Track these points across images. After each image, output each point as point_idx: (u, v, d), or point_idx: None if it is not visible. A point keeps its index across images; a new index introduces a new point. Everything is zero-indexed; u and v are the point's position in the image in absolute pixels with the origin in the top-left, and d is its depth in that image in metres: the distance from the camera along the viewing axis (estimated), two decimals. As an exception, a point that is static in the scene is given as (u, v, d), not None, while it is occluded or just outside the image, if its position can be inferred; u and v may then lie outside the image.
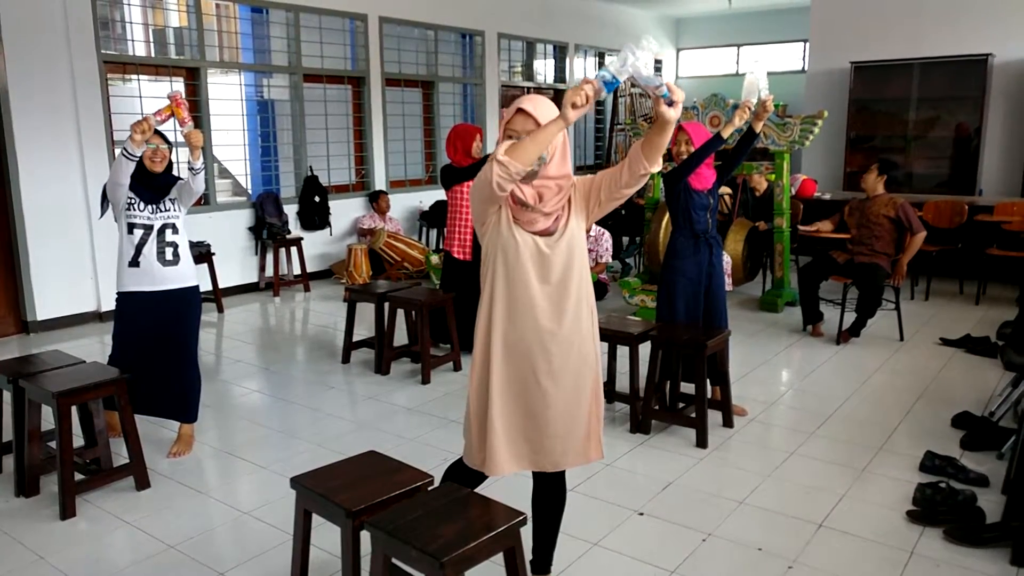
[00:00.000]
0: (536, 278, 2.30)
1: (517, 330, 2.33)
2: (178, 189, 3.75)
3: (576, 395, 2.39)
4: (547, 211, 2.28)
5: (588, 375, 2.40)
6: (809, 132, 6.21)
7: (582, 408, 2.40)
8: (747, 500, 3.39)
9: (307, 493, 2.45)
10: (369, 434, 4.15)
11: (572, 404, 2.38)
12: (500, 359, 2.34)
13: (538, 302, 2.31)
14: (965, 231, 7.30)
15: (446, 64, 9.77)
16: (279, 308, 7.34)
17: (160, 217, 3.72)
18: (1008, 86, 8.39)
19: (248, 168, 8.45)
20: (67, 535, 3.17)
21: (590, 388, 2.41)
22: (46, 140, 6.16)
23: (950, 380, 4.95)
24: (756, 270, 7.32)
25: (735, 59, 13.83)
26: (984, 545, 2.96)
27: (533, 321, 2.31)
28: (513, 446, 2.38)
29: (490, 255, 2.34)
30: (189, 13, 7.19)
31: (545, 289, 2.31)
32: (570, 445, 2.40)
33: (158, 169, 3.72)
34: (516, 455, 2.39)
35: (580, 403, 2.40)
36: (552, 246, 2.30)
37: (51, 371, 3.52)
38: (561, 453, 2.40)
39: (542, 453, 2.39)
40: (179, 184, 3.75)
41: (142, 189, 3.69)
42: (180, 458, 3.88)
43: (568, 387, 2.37)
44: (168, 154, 3.77)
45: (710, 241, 4.25)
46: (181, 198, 3.77)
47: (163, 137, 3.73)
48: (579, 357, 2.37)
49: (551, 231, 2.30)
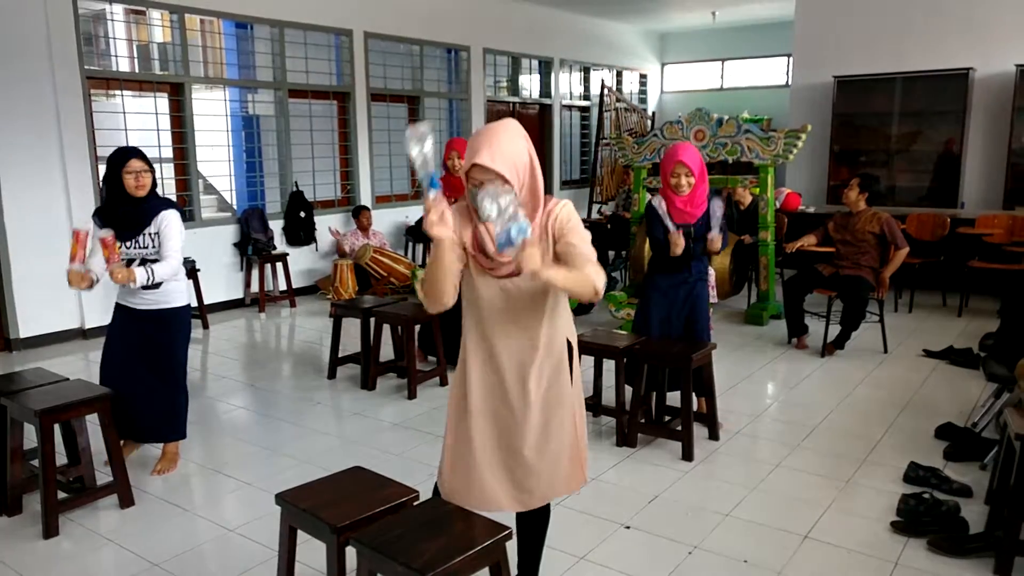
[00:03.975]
0: (506, 320, 2.29)
1: (490, 372, 2.34)
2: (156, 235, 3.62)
3: (556, 428, 2.36)
4: (506, 260, 2.19)
5: (566, 404, 2.37)
6: (793, 146, 6.27)
7: (563, 440, 2.38)
8: (733, 513, 3.39)
9: (292, 509, 2.43)
10: (355, 450, 4.13)
11: (551, 437, 2.35)
12: (477, 396, 2.36)
13: (511, 340, 2.29)
14: (947, 244, 7.38)
15: (431, 79, 9.81)
16: (265, 324, 7.31)
17: (137, 252, 3.62)
18: (989, 100, 8.50)
19: (233, 184, 8.43)
20: (50, 554, 3.14)
21: (568, 419, 2.38)
22: (28, 156, 6.13)
23: (933, 391, 4.99)
24: (741, 283, 7.36)
25: (720, 74, 13.96)
26: (968, 555, 2.98)
27: (507, 360, 2.31)
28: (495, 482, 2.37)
29: (464, 299, 2.35)
30: (173, 28, 7.18)
31: (514, 327, 2.29)
32: (554, 477, 2.39)
33: (141, 194, 3.59)
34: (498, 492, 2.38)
35: (560, 435, 2.37)
36: (519, 284, 2.25)
37: (33, 389, 3.49)
38: (547, 486, 2.39)
39: (526, 491, 2.38)
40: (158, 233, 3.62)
41: (118, 222, 3.58)
42: (165, 475, 3.85)
43: (544, 420, 2.35)
44: (150, 178, 3.60)
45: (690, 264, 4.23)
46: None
47: (146, 162, 3.60)
48: (556, 391, 2.35)
49: (518, 272, 2.18)
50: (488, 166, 2.07)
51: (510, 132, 2.16)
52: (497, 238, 1.94)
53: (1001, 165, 8.40)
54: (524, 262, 1.97)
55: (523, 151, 2.16)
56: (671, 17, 12.53)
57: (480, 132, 2.17)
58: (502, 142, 2.11)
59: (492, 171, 2.08)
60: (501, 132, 2.14)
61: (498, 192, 1.94)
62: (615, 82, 13.08)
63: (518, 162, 2.13)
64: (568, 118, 12.38)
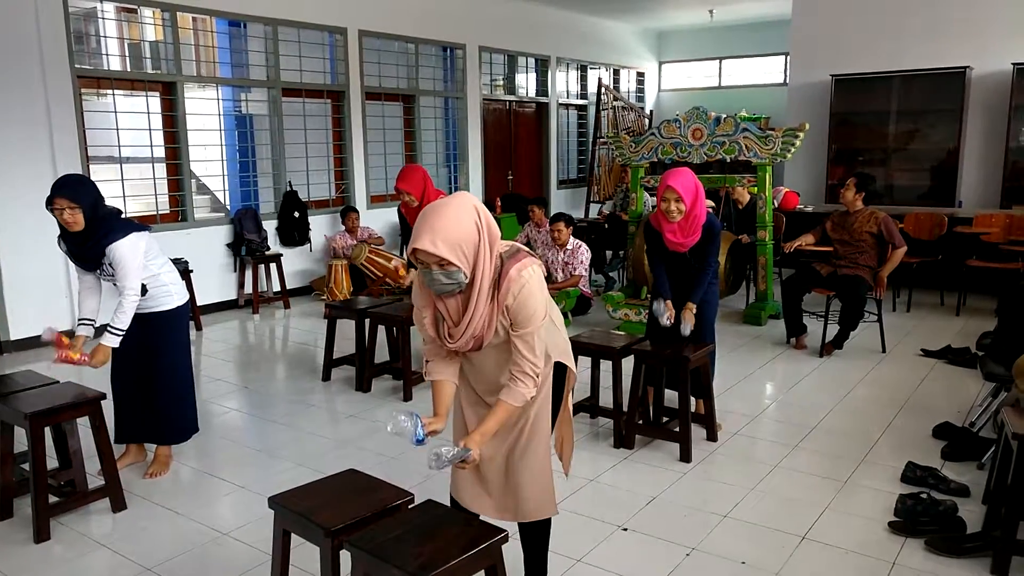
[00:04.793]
0: (488, 376, 2.40)
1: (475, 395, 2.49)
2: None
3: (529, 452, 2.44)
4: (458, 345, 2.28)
5: (541, 430, 2.44)
6: (791, 145, 6.25)
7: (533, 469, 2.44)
8: (731, 514, 3.37)
9: (286, 513, 2.41)
10: (350, 452, 4.11)
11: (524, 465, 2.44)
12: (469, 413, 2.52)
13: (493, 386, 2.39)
14: (945, 243, 7.37)
15: (427, 78, 9.78)
16: (258, 325, 7.28)
17: (110, 279, 3.56)
18: (986, 99, 8.49)
19: (226, 184, 8.39)
20: (41, 559, 3.11)
21: (542, 448, 2.45)
22: (19, 155, 6.09)
23: (931, 391, 4.97)
24: (738, 283, 7.34)
25: (717, 72, 13.95)
26: (965, 555, 2.97)
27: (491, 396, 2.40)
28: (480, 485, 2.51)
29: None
30: (165, 27, 7.14)
31: (497, 375, 2.37)
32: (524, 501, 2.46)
33: (76, 229, 3.40)
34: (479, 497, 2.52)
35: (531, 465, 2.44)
36: (487, 350, 2.33)
37: (24, 391, 3.46)
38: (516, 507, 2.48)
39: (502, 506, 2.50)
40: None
41: (76, 258, 3.54)
42: (157, 479, 3.81)
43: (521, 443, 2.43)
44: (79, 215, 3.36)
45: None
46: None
47: (71, 198, 3.35)
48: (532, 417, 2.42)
49: (478, 347, 2.30)
50: (430, 251, 2.07)
51: (458, 211, 2.12)
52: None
53: (998, 164, 8.40)
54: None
55: (469, 231, 2.12)
56: (668, 15, 12.52)
57: (425, 213, 2.14)
58: (446, 223, 2.09)
59: (434, 255, 2.08)
60: (446, 211, 2.11)
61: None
62: (612, 80, 13.07)
63: (464, 242, 2.11)
64: (565, 117, 12.36)
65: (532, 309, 2.20)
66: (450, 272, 2.11)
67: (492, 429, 2.28)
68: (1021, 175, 8.40)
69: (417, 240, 2.08)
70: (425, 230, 2.08)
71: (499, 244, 2.22)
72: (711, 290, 4.23)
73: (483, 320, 2.20)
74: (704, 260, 4.11)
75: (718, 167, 6.61)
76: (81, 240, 3.45)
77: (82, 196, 3.38)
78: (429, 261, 2.10)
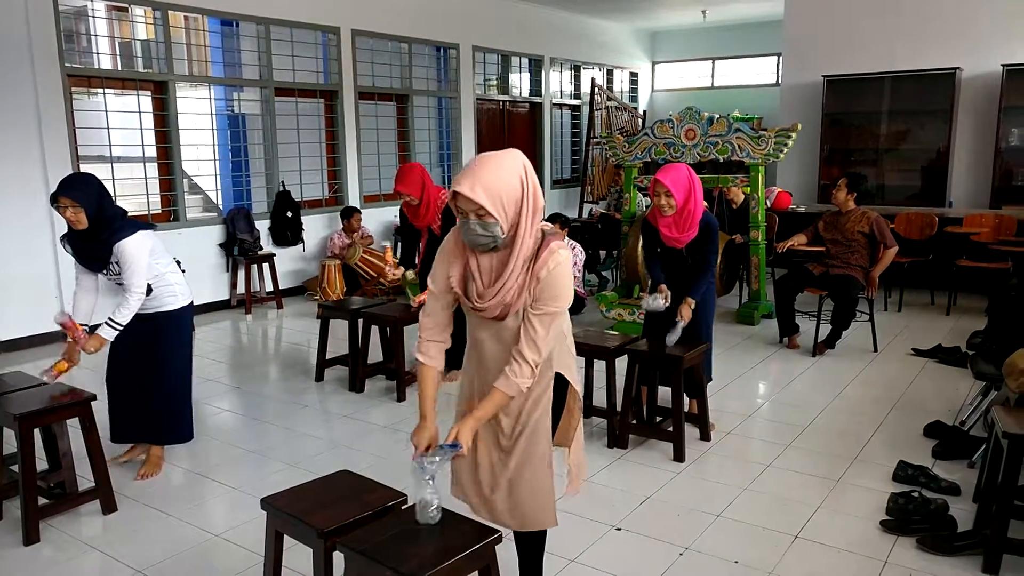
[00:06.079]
0: (497, 354, 2.28)
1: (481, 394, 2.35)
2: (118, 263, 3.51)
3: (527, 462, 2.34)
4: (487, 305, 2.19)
5: (539, 448, 2.34)
6: (783, 145, 6.27)
7: (533, 480, 2.35)
8: (724, 513, 3.38)
9: (278, 514, 2.40)
10: (343, 453, 4.10)
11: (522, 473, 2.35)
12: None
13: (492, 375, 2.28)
14: (936, 243, 7.40)
15: (420, 77, 9.76)
16: (251, 326, 7.25)
17: (116, 279, 3.57)
18: (976, 99, 8.53)
19: (219, 184, 8.35)
20: (31, 561, 3.09)
21: (542, 463, 2.35)
22: (7, 155, 6.05)
23: (922, 390, 4.99)
24: (732, 283, 7.35)
25: (710, 72, 13.97)
26: (956, 553, 2.98)
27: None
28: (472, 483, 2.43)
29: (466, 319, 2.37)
30: (156, 26, 7.10)
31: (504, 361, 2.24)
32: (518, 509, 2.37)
33: (81, 227, 3.42)
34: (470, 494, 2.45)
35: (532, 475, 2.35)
36: (508, 325, 2.22)
37: (13, 392, 3.43)
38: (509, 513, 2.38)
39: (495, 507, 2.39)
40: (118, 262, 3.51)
41: (82, 258, 3.56)
42: (148, 480, 3.79)
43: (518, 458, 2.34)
44: (82, 214, 3.39)
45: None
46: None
47: (74, 198, 3.36)
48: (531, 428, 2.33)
49: (503, 316, 2.19)
50: (468, 196, 2.01)
51: (502, 163, 2.07)
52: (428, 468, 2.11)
53: (988, 164, 8.44)
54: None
55: (513, 185, 2.06)
56: (662, 16, 12.54)
57: (473, 159, 2.10)
58: (489, 172, 2.04)
59: (473, 202, 2.02)
60: (491, 162, 2.06)
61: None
62: (606, 81, 13.08)
63: (505, 196, 2.05)
64: (559, 117, 12.36)
65: (561, 288, 2.14)
66: (487, 224, 2.04)
67: (486, 415, 2.20)
68: (1011, 175, 8.46)
69: (458, 183, 2.02)
70: (467, 175, 2.03)
71: (541, 218, 2.17)
72: (709, 290, 4.23)
73: (516, 286, 2.13)
74: (704, 257, 4.12)
75: (711, 167, 6.63)
76: (87, 239, 3.46)
77: (85, 196, 3.38)
78: (467, 208, 2.04)
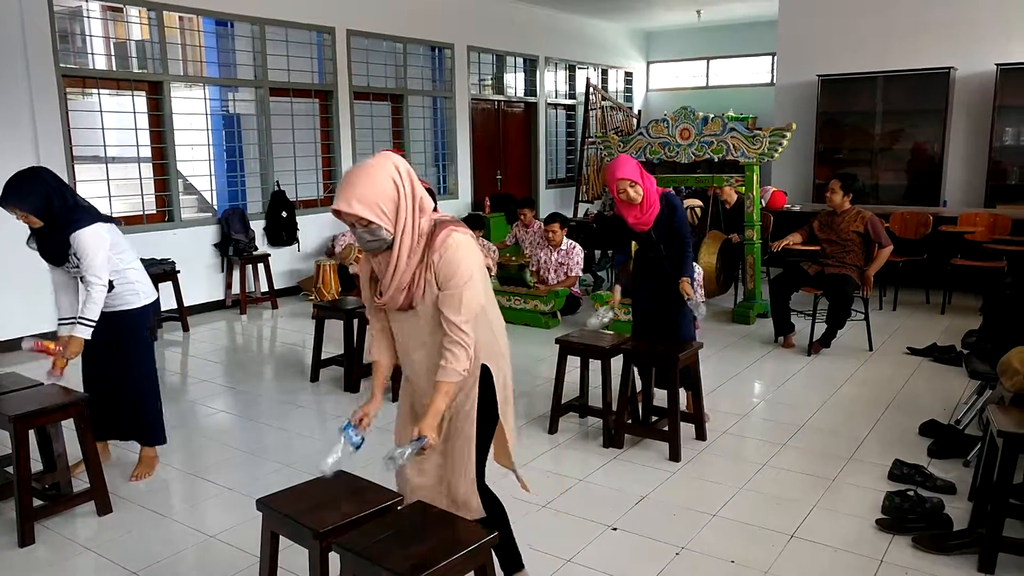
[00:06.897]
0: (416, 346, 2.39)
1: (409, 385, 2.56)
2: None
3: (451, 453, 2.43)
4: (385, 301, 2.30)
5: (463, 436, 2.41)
6: (778, 144, 6.27)
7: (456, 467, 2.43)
8: (720, 513, 3.38)
9: (274, 515, 2.40)
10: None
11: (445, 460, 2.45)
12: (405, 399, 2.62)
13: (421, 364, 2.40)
14: (930, 242, 7.41)
15: (415, 77, 9.75)
16: (246, 326, 7.24)
17: (77, 272, 3.52)
18: (970, 99, 8.56)
19: (213, 184, 8.34)
20: (26, 563, 3.07)
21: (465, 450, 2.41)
22: (2, 155, 5.97)
23: (917, 389, 5.00)
24: (729, 282, 7.36)
25: (705, 72, 13.99)
26: (952, 552, 2.99)
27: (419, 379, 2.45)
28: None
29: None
30: (151, 26, 7.09)
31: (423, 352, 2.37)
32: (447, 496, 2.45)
33: (36, 226, 3.44)
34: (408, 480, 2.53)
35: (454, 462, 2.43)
36: (418, 313, 2.31)
37: (7, 394, 3.42)
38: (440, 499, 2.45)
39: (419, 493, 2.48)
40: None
41: (45, 253, 3.54)
42: (143, 481, 3.78)
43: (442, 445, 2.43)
44: (27, 217, 3.40)
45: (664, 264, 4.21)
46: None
47: (19, 207, 3.37)
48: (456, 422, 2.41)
49: (408, 306, 2.30)
50: (347, 211, 2.12)
51: (372, 172, 2.16)
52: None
53: (982, 164, 8.47)
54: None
55: (387, 189, 2.16)
56: (656, 15, 12.55)
57: (345, 175, 2.20)
58: (362, 184, 2.14)
59: (353, 215, 2.13)
60: (362, 173, 2.16)
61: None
62: (600, 80, 13.08)
63: (382, 201, 2.15)
64: (553, 117, 12.36)
65: (456, 267, 2.22)
66: (373, 230, 2.17)
67: (441, 407, 2.29)
68: (1005, 175, 8.49)
69: (336, 202, 2.15)
70: (343, 192, 2.14)
71: (432, 211, 2.28)
72: (684, 311, 4.18)
73: (408, 273, 2.23)
74: (677, 234, 4.13)
75: (706, 167, 6.63)
76: (46, 234, 3.45)
77: (26, 199, 3.35)
78: (350, 221, 2.16)
